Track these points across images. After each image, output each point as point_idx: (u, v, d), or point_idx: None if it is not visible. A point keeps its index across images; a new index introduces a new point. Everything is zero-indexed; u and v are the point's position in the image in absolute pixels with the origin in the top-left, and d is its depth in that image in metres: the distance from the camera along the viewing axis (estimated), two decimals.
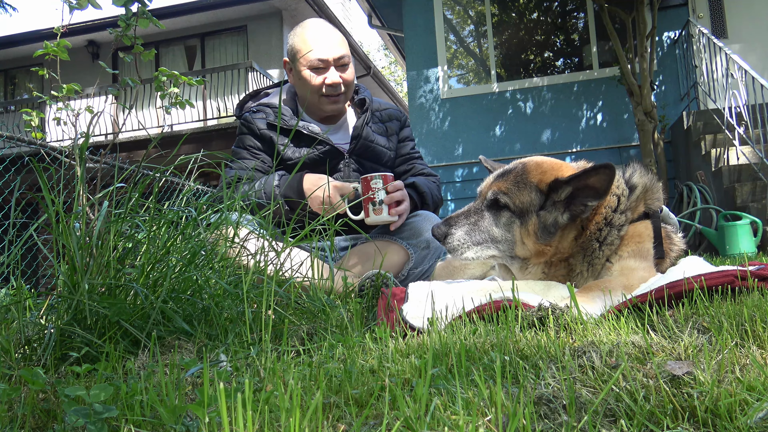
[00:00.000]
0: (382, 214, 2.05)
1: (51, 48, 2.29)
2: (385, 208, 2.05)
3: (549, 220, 1.56)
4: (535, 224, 1.56)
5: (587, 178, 1.51)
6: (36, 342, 1.19)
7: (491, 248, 1.62)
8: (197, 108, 10.55)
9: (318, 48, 2.25)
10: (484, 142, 7.84)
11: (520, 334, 1.06)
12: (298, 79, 2.33)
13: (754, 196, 5.22)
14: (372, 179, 2.06)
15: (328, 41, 2.28)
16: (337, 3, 16.59)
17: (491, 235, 1.61)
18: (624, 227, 1.60)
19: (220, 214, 1.60)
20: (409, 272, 2.19)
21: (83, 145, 1.44)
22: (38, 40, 11.83)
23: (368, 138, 2.40)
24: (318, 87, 2.29)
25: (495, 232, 1.61)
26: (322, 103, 2.34)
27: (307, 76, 2.28)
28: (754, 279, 1.28)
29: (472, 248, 1.61)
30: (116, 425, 0.75)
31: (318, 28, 2.32)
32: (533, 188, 1.58)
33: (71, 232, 1.27)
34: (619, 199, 1.60)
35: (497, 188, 1.62)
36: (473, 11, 8.59)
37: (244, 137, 2.41)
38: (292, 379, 0.82)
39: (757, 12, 7.45)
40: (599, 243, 1.59)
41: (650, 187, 1.69)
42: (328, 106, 2.35)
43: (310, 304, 1.49)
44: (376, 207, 2.05)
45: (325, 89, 2.29)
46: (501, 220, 1.61)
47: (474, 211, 1.65)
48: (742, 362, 0.82)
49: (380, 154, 2.44)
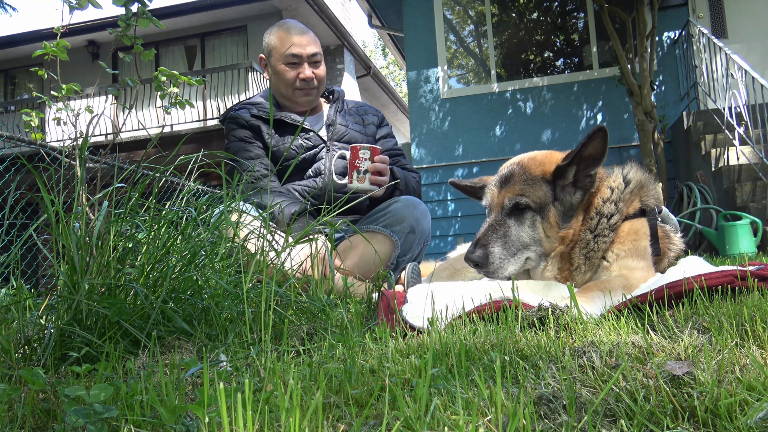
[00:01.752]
0: (365, 183, 2.17)
1: (50, 48, 2.29)
2: (368, 177, 2.15)
3: (566, 205, 1.61)
4: (554, 214, 1.60)
5: (584, 150, 1.57)
6: (36, 342, 1.19)
7: (525, 253, 1.61)
8: (197, 108, 10.56)
9: (292, 45, 2.44)
10: (484, 142, 7.84)
11: (520, 334, 1.06)
12: (274, 73, 2.49)
13: (754, 196, 5.22)
14: (361, 149, 2.17)
15: (302, 39, 2.46)
16: (337, 3, 16.58)
17: (522, 241, 1.60)
18: (615, 217, 1.62)
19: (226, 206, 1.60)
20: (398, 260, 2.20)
21: (83, 145, 1.44)
22: (38, 40, 11.82)
23: (342, 123, 2.55)
24: (292, 80, 2.46)
25: (524, 236, 1.61)
26: (296, 95, 2.50)
27: (282, 70, 2.45)
28: (754, 279, 1.28)
29: (510, 262, 1.59)
30: (116, 425, 0.75)
31: (292, 27, 2.49)
32: (542, 181, 1.62)
33: (71, 232, 1.27)
34: (612, 191, 1.64)
35: (512, 194, 1.62)
36: (473, 11, 8.58)
37: (234, 131, 2.53)
38: (292, 379, 0.82)
39: (757, 12, 7.45)
40: (593, 234, 1.61)
41: (645, 183, 1.72)
42: (301, 98, 2.50)
43: (310, 304, 1.49)
44: (360, 175, 2.17)
45: (299, 83, 2.46)
46: (525, 223, 1.61)
47: (498, 224, 1.63)
48: (742, 362, 0.82)
49: (357, 140, 2.54)
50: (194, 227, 1.53)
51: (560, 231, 1.60)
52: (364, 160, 2.16)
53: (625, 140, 7.45)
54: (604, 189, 1.64)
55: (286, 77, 2.45)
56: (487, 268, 1.58)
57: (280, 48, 2.45)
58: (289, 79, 2.45)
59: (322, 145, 2.48)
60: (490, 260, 1.57)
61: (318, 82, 2.50)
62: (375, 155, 2.17)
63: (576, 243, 1.62)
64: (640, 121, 6.49)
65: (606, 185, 1.65)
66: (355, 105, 2.73)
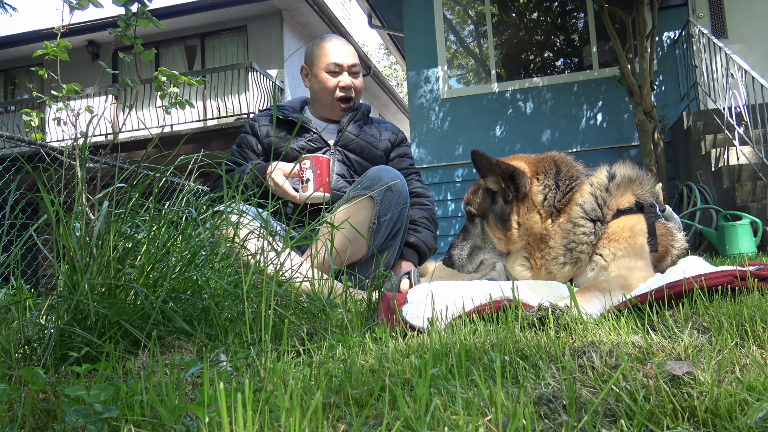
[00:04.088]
0: (308, 191, 2.21)
1: (51, 48, 2.29)
2: (311, 185, 2.22)
3: (498, 210, 1.76)
4: (493, 219, 1.77)
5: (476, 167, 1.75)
6: (36, 342, 1.19)
7: (480, 254, 1.83)
8: (197, 108, 10.56)
9: (334, 54, 2.55)
10: (484, 142, 7.83)
11: (520, 334, 1.06)
12: (315, 81, 2.59)
13: (754, 196, 5.22)
14: (303, 159, 2.23)
15: (343, 50, 2.58)
16: (337, 3, 16.59)
17: (475, 243, 1.84)
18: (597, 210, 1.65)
19: (216, 203, 1.60)
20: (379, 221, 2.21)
21: (83, 145, 1.44)
22: (38, 40, 11.83)
23: (353, 132, 2.59)
24: (333, 88, 2.55)
25: (476, 239, 1.83)
26: (334, 106, 2.59)
27: (323, 78, 2.55)
28: (754, 279, 1.28)
29: (467, 261, 1.84)
30: (116, 425, 0.75)
31: (335, 39, 2.62)
32: (483, 189, 1.81)
33: (71, 233, 1.27)
34: (591, 185, 1.70)
35: (465, 201, 1.86)
36: (473, 11, 8.58)
37: (243, 136, 2.63)
38: (292, 379, 0.82)
39: (757, 12, 7.45)
40: (572, 224, 1.66)
41: (636, 178, 1.74)
42: (339, 111, 2.60)
43: (310, 305, 1.49)
44: (303, 184, 2.23)
45: (338, 91, 2.55)
46: (477, 227, 1.83)
47: (463, 229, 1.89)
48: (742, 362, 0.82)
49: (365, 149, 2.58)
50: (194, 227, 1.53)
51: (504, 233, 1.74)
52: (306, 170, 2.22)
53: (625, 140, 7.45)
54: (584, 185, 1.71)
55: (326, 85, 2.54)
56: (453, 267, 1.87)
57: (322, 57, 2.56)
58: (329, 87, 2.54)
59: (326, 149, 2.53)
60: (452, 260, 1.86)
61: (356, 92, 2.61)
62: (315, 163, 2.23)
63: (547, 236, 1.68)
64: (640, 121, 6.49)
65: (587, 182, 1.72)
66: (378, 121, 2.79)
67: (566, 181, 1.72)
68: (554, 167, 1.74)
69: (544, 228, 1.68)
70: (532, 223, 1.69)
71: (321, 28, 12.83)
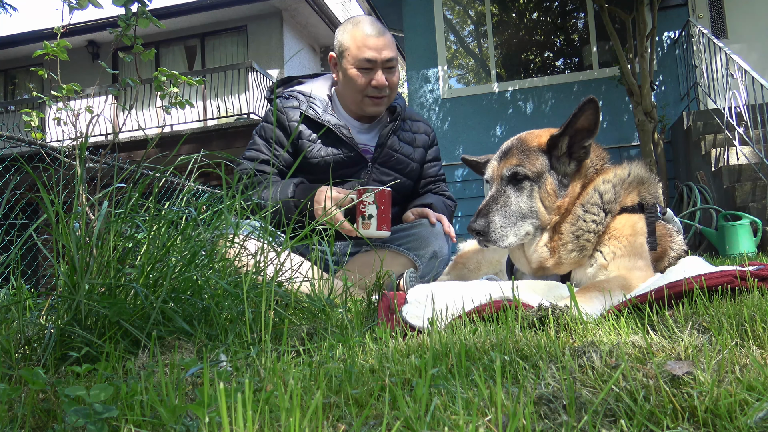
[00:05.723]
0: (370, 228, 2.00)
1: (51, 48, 2.29)
2: (373, 222, 2.00)
3: (561, 174, 1.67)
4: (551, 182, 1.65)
5: (575, 121, 1.61)
6: (36, 342, 1.19)
7: (524, 226, 1.65)
8: (197, 108, 10.56)
9: (368, 47, 2.22)
10: (484, 142, 7.83)
11: (520, 334, 1.06)
12: (344, 76, 2.30)
13: (754, 196, 5.22)
14: (364, 192, 2.01)
15: (378, 42, 2.23)
16: (337, 3, 16.58)
17: (521, 211, 1.65)
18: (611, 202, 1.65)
19: (219, 214, 1.59)
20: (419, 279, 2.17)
21: (83, 145, 1.44)
22: (38, 40, 11.83)
23: (393, 147, 2.37)
24: (363, 87, 2.26)
25: (522, 206, 1.65)
26: (364, 103, 2.31)
27: (353, 75, 2.25)
28: (754, 279, 1.28)
29: (511, 231, 1.63)
30: (116, 425, 0.75)
31: (369, 27, 2.25)
32: (538, 151, 1.68)
33: (71, 232, 1.27)
34: (615, 176, 1.69)
35: (510, 164, 1.67)
36: (473, 11, 8.58)
37: (267, 127, 2.34)
38: (292, 379, 0.82)
39: (757, 12, 7.45)
40: (584, 210, 1.65)
41: (645, 180, 1.75)
42: (370, 107, 2.32)
43: (310, 305, 1.49)
44: (364, 221, 2.00)
45: (370, 89, 2.26)
46: (524, 192, 1.65)
47: (498, 195, 1.67)
48: (742, 362, 0.82)
49: (403, 163, 2.41)
50: (194, 227, 1.53)
51: (557, 200, 1.65)
52: (368, 204, 2.00)
53: (625, 140, 7.45)
54: (609, 172, 1.70)
55: (357, 83, 2.25)
56: (488, 236, 1.62)
57: (354, 50, 2.23)
58: (360, 85, 2.25)
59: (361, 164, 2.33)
60: (491, 228, 1.62)
61: (390, 90, 2.31)
62: (380, 198, 2.01)
63: (568, 215, 1.66)
64: (640, 121, 6.49)
65: (612, 170, 1.71)
66: (410, 119, 2.53)
67: (600, 161, 1.73)
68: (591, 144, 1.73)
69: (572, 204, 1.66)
70: (573, 194, 1.66)
71: (321, 28, 12.83)
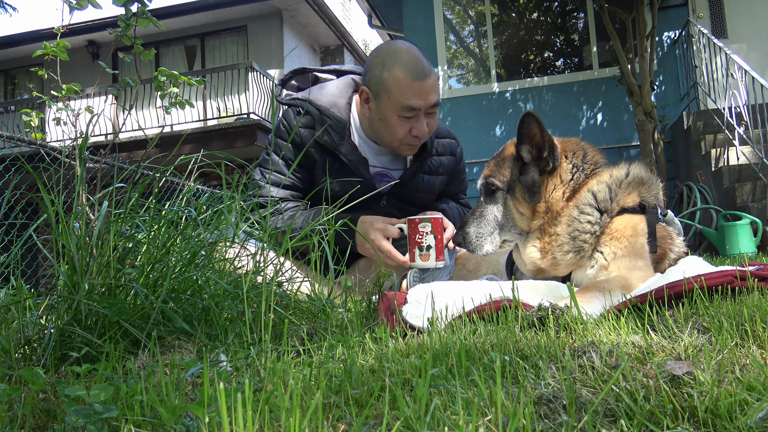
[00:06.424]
0: (429, 260, 1.88)
1: (50, 48, 2.29)
2: (432, 254, 1.88)
3: (528, 181, 1.69)
4: (521, 190, 1.69)
5: (521, 133, 1.65)
6: (36, 342, 1.19)
7: (501, 233, 1.72)
8: (197, 108, 10.56)
9: (414, 93, 1.95)
10: (484, 142, 7.84)
11: (520, 334, 1.06)
12: (379, 119, 2.03)
13: (754, 196, 5.22)
14: (420, 222, 1.88)
15: (425, 85, 1.97)
16: (337, 3, 16.59)
17: (497, 221, 1.72)
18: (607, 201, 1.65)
19: (219, 214, 1.59)
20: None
21: (83, 145, 1.44)
22: (38, 40, 11.84)
23: (415, 186, 2.21)
24: (403, 136, 2.03)
25: (498, 215, 1.72)
26: (400, 149, 2.10)
27: (393, 123, 2.00)
28: (754, 279, 1.28)
29: (486, 240, 1.71)
30: (116, 425, 0.75)
31: (416, 66, 1.97)
32: (510, 160, 1.73)
33: (71, 232, 1.27)
34: (610, 176, 1.71)
35: (484, 175, 1.76)
36: (473, 11, 8.59)
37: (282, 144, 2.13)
38: (292, 379, 0.82)
39: (757, 12, 7.45)
40: (579, 211, 1.66)
41: (646, 181, 1.75)
42: (405, 151, 2.13)
43: (310, 305, 1.49)
44: (423, 252, 1.88)
45: (408, 139, 2.04)
46: (498, 202, 1.72)
47: (477, 206, 1.76)
48: (742, 362, 0.82)
49: (423, 196, 2.26)
50: (194, 227, 1.53)
51: (529, 206, 1.68)
52: (426, 235, 1.87)
53: (625, 140, 7.46)
54: (604, 174, 1.72)
55: (395, 131, 2.01)
56: (467, 247, 1.73)
57: (397, 94, 1.95)
58: (399, 133, 2.02)
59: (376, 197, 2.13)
60: (467, 240, 1.72)
61: (430, 133, 2.08)
62: (437, 227, 1.88)
63: (559, 217, 1.67)
64: (640, 121, 6.50)
65: (607, 172, 1.72)
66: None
67: (590, 166, 1.74)
68: (581, 150, 1.75)
69: (561, 208, 1.67)
70: (555, 200, 1.67)
71: (321, 28, 12.83)
